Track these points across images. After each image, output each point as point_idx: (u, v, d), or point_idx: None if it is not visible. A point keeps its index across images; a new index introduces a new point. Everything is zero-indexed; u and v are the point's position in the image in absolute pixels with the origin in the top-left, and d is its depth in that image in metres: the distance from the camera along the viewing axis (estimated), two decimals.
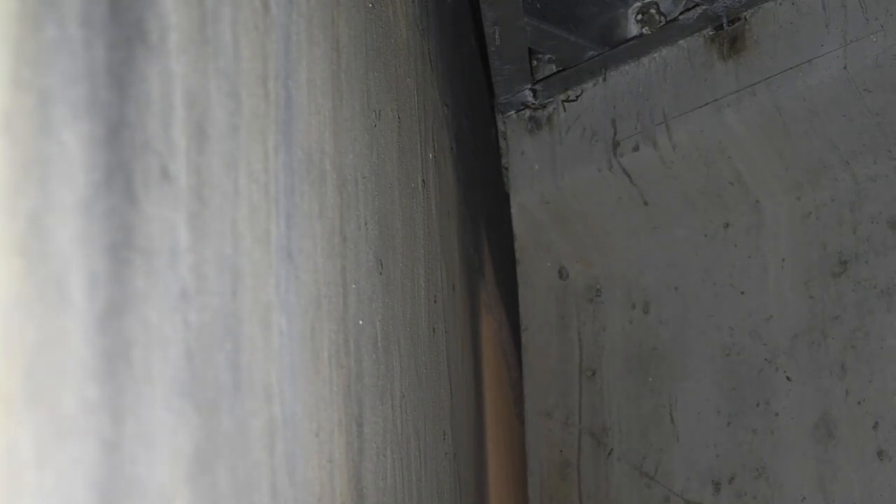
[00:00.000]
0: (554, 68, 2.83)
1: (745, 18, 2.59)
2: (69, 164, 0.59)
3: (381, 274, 1.36)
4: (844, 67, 2.45)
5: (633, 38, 2.70)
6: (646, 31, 2.67)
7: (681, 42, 2.66)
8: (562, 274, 2.97)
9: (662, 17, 2.66)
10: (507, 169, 2.94)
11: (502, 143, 2.94)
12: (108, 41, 0.63)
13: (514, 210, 2.95)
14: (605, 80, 2.78)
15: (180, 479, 0.69)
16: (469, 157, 2.40)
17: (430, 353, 1.68)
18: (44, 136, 0.57)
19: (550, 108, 2.86)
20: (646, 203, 2.80)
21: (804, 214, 2.65)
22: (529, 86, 2.80)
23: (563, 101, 2.83)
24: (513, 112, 2.89)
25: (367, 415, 1.23)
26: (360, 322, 1.23)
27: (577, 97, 2.81)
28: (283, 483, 0.89)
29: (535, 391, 2.97)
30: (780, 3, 2.55)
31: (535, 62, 2.83)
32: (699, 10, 2.60)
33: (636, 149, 2.74)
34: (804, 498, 2.57)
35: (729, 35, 2.61)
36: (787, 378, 2.62)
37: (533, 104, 2.85)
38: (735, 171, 2.69)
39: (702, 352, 2.75)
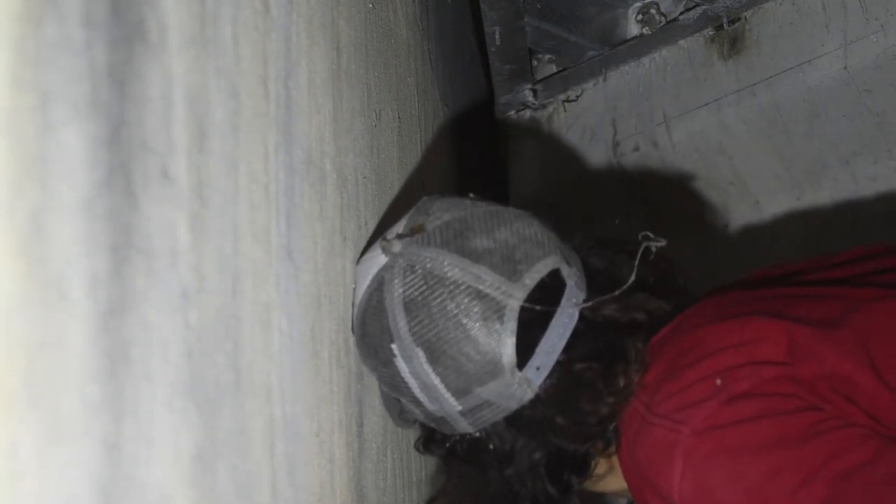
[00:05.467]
0: (554, 68, 2.83)
1: (745, 18, 2.59)
2: (70, 164, 0.59)
3: None
4: (844, 67, 2.45)
5: (633, 38, 2.70)
6: (646, 31, 2.67)
7: (681, 42, 2.66)
8: None
9: (662, 17, 2.65)
10: (507, 169, 2.94)
11: (503, 143, 2.94)
12: (108, 41, 0.63)
13: None
14: (605, 80, 2.77)
15: (180, 479, 0.69)
16: None
17: None
18: (44, 135, 0.57)
19: (550, 108, 2.86)
20: (646, 203, 2.80)
21: (804, 214, 2.65)
22: (529, 86, 2.80)
23: (563, 101, 2.83)
24: (513, 112, 2.88)
25: (367, 415, 1.23)
26: None
27: (577, 97, 2.81)
28: (283, 483, 0.89)
29: None
30: (781, 3, 2.55)
31: (535, 62, 2.83)
32: (699, 10, 2.60)
33: (636, 149, 2.74)
34: None
35: (729, 35, 2.61)
36: None
37: (533, 104, 2.85)
38: (735, 171, 2.69)
39: None
